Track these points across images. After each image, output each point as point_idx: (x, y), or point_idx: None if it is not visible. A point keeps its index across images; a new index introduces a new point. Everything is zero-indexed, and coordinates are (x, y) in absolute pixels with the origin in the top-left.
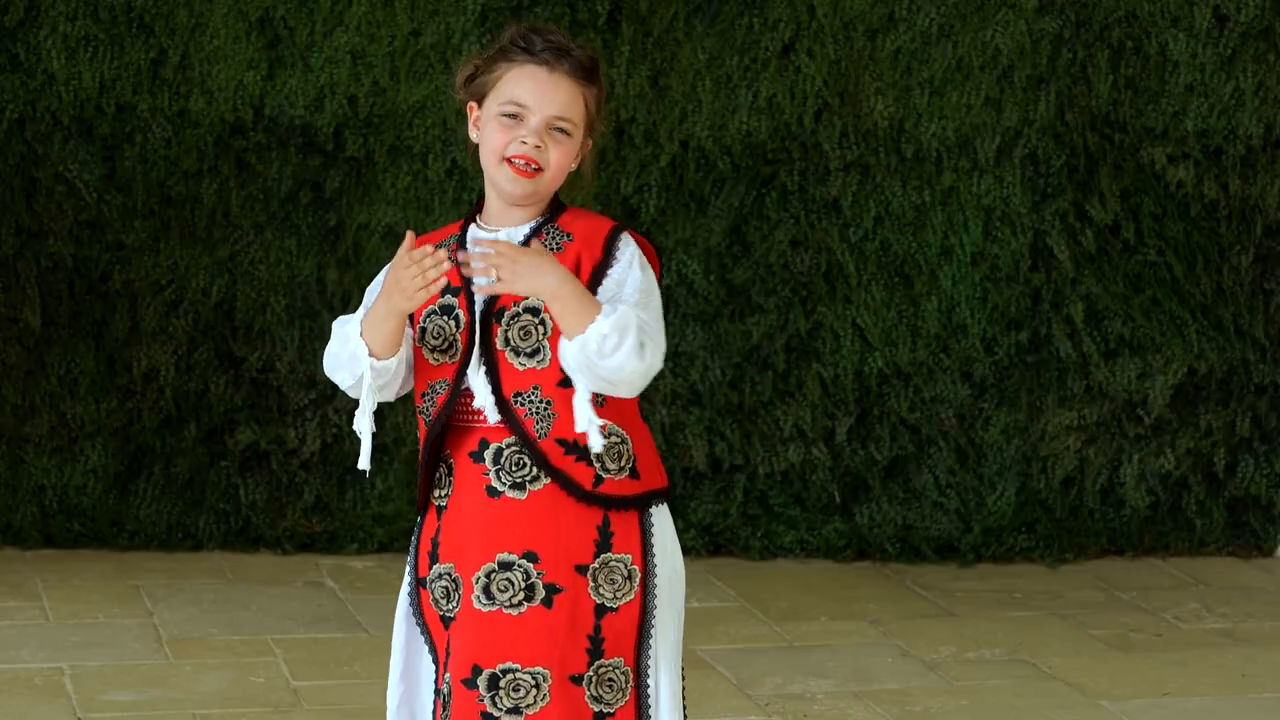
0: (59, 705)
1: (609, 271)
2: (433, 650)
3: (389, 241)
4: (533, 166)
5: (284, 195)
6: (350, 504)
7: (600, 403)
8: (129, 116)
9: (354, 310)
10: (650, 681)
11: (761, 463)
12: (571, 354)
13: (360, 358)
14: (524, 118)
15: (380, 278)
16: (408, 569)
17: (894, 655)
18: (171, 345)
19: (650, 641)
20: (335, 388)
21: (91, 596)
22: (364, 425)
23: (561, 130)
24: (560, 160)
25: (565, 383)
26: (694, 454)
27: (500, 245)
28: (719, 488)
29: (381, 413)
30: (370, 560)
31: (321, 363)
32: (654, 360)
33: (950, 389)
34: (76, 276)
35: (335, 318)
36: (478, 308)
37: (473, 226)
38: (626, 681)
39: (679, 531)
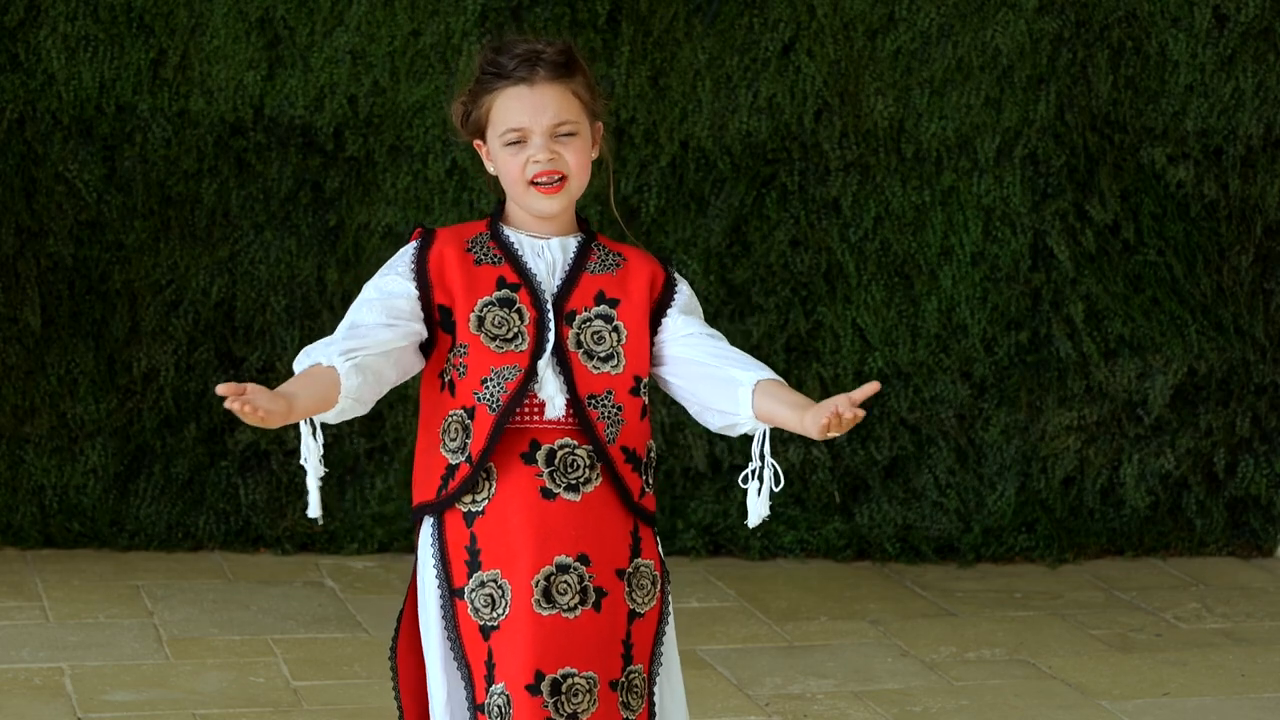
0: (59, 705)
1: (671, 304)
2: (464, 665)
3: (389, 241)
4: (556, 178)
5: (284, 195)
6: (350, 504)
7: (643, 415)
8: (129, 116)
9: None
10: (658, 687)
11: None
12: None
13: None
14: (526, 139)
15: (378, 277)
16: (433, 584)
17: (894, 655)
18: (171, 345)
19: (661, 647)
20: None
21: (91, 596)
22: (313, 468)
23: (567, 133)
24: (578, 159)
25: (636, 390)
26: (694, 454)
27: (844, 413)
28: (719, 488)
29: (381, 413)
30: (370, 560)
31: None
32: None
33: (950, 389)
34: (76, 276)
35: (335, 317)
36: (549, 306)
37: (506, 229)
38: (644, 687)
39: (679, 532)
